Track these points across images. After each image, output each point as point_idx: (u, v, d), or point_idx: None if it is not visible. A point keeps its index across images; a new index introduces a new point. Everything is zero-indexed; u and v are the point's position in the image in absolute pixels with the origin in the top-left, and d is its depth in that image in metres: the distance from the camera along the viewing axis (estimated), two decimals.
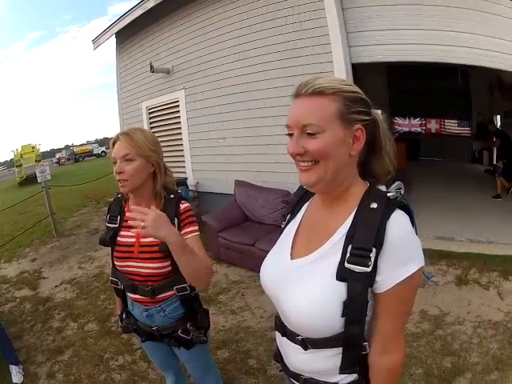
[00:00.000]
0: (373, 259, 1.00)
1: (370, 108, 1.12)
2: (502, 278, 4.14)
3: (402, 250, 1.01)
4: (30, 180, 22.54)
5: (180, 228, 1.84)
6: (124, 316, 2.16)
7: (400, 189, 1.11)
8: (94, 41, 9.67)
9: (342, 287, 1.04)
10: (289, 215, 1.37)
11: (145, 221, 1.48)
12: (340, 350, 1.12)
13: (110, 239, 1.94)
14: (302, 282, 1.13)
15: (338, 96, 1.04)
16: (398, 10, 5.04)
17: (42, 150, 28.69)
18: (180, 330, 1.99)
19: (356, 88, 1.10)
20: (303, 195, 1.35)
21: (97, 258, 6.57)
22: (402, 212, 1.04)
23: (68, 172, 26.79)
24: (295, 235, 1.27)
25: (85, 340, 4.07)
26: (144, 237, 1.83)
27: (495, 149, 8.80)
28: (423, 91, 11.51)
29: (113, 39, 9.54)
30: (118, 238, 1.94)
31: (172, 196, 1.92)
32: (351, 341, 1.09)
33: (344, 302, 1.04)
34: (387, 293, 1.03)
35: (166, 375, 2.51)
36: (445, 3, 4.78)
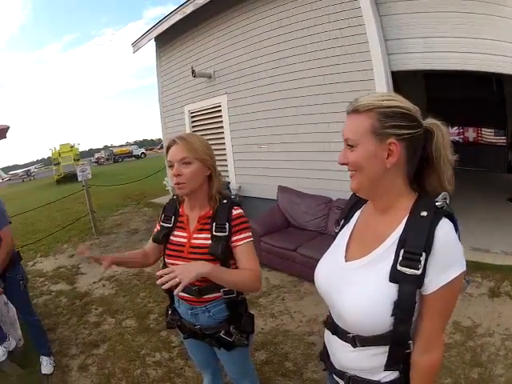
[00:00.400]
0: (423, 263, 1.08)
1: (414, 121, 1.16)
2: None
3: (448, 255, 1.10)
4: (68, 178, 23.14)
5: (231, 234, 1.89)
6: (169, 312, 2.22)
7: (446, 198, 1.15)
8: (133, 44, 9.91)
9: (393, 288, 1.12)
10: (342, 221, 1.46)
11: (175, 276, 1.56)
12: (386, 348, 1.20)
13: (163, 237, 2.04)
14: (357, 283, 1.22)
15: (373, 112, 1.14)
16: (435, 17, 4.99)
17: (81, 149, 29.27)
18: (223, 332, 2.02)
19: (397, 102, 1.16)
20: (356, 202, 1.44)
21: None
22: (447, 220, 1.12)
23: (107, 172, 27.10)
24: (349, 239, 1.36)
25: (122, 335, 4.12)
26: (195, 238, 1.94)
27: None
28: (460, 99, 11.31)
29: (152, 43, 9.76)
30: (171, 237, 2.03)
31: (225, 201, 1.97)
32: (398, 339, 1.17)
33: (395, 302, 1.12)
34: (432, 294, 1.11)
35: (203, 373, 2.55)
36: (484, 11, 4.74)
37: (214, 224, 1.90)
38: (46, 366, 3.59)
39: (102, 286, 5.56)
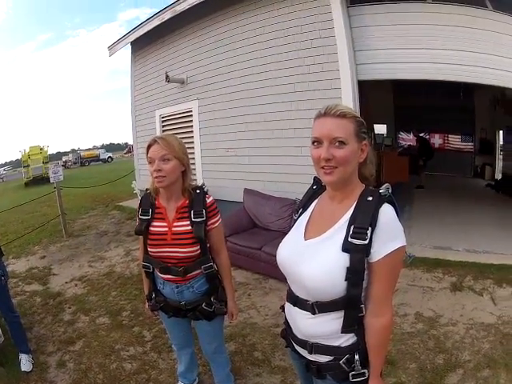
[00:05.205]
0: (369, 235, 1.34)
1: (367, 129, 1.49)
2: (496, 285, 4.32)
3: (389, 230, 1.37)
4: (37, 181, 22.72)
5: (207, 218, 2.22)
6: (153, 295, 2.46)
7: (388, 188, 1.43)
8: (109, 48, 9.96)
9: (346, 257, 1.38)
10: (301, 209, 1.72)
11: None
12: (342, 313, 1.44)
13: (144, 229, 2.25)
14: (315, 256, 1.47)
15: (354, 119, 1.43)
16: (405, 29, 5.29)
17: (49, 152, 28.71)
18: (204, 304, 2.34)
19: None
20: (313, 194, 1.71)
21: (107, 258, 6.66)
22: (389, 205, 1.41)
23: (75, 175, 26.78)
24: (307, 223, 1.62)
25: (96, 332, 4.16)
26: (176, 226, 2.21)
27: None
28: (428, 107, 11.67)
29: (127, 47, 9.81)
30: (151, 228, 2.26)
31: (198, 191, 2.26)
32: (351, 302, 1.42)
33: (347, 268, 1.37)
34: (378, 262, 1.37)
35: (180, 354, 2.79)
36: (452, 23, 5.04)
37: (192, 212, 2.20)
38: (26, 363, 3.57)
39: (74, 285, 5.56)
